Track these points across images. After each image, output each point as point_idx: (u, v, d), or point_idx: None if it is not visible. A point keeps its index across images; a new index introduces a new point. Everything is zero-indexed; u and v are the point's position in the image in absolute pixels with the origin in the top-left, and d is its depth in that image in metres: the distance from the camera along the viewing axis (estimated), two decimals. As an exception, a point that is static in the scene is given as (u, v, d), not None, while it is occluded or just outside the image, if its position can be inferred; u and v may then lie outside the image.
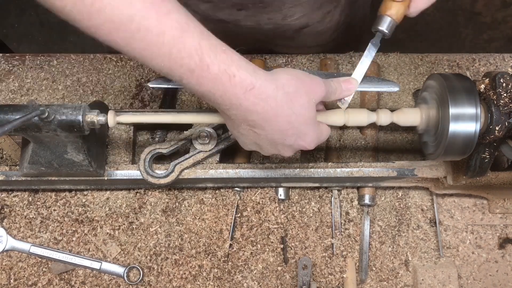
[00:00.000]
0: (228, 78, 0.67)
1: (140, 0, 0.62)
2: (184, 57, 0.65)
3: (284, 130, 0.74)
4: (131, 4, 0.62)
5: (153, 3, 0.63)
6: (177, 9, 0.65)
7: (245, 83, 0.68)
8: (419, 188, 1.11)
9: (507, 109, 0.81)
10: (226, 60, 0.67)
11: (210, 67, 0.66)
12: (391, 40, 0.90)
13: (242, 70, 0.68)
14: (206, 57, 0.66)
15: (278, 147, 0.78)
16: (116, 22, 0.62)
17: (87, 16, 0.62)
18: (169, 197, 1.09)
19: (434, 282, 1.03)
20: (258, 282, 1.05)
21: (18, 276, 1.04)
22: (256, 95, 0.69)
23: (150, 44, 0.64)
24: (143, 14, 0.62)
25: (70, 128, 0.84)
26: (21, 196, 1.09)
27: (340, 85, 0.83)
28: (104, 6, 0.61)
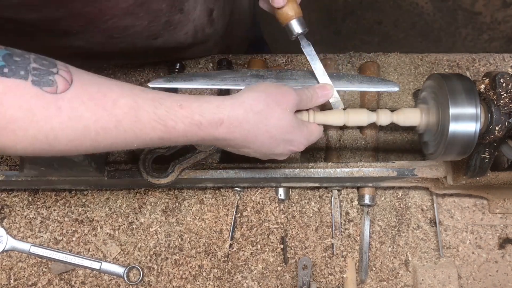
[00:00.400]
0: (197, 127, 0.71)
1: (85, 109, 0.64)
2: (149, 132, 0.68)
3: (269, 144, 0.77)
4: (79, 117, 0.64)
5: (98, 104, 0.65)
6: (121, 94, 0.67)
7: (213, 122, 0.71)
8: (419, 188, 1.11)
9: (507, 109, 0.81)
10: (186, 114, 0.70)
11: (176, 127, 0.69)
12: (391, 40, 0.89)
13: (205, 114, 0.71)
14: (168, 120, 0.69)
15: (270, 156, 0.81)
16: (75, 139, 0.65)
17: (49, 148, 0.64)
18: (169, 197, 1.09)
19: (434, 282, 1.03)
20: (258, 282, 1.05)
21: (18, 276, 1.04)
22: (228, 125, 0.72)
23: (115, 137, 0.67)
24: (94, 119, 0.64)
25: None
26: (21, 196, 1.09)
27: (315, 92, 0.84)
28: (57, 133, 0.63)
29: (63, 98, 0.63)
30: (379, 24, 2.37)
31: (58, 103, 0.62)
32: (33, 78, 0.61)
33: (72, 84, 0.64)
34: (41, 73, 0.62)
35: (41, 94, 0.61)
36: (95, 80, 0.67)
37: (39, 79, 0.61)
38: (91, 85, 0.66)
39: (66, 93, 0.63)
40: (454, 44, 2.45)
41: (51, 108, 0.62)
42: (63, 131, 0.63)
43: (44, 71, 0.62)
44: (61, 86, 0.63)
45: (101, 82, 0.67)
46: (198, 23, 0.99)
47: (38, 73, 0.62)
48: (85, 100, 0.64)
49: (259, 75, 0.90)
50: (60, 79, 0.63)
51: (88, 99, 0.64)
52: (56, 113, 0.62)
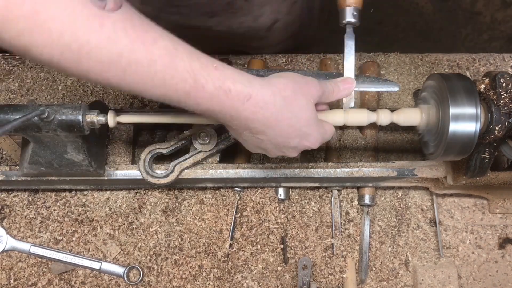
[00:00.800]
0: (225, 94, 0.68)
1: (125, 35, 0.62)
2: (178, 82, 0.66)
3: (287, 134, 0.75)
4: (117, 41, 0.61)
5: (138, 36, 0.63)
6: (162, 36, 0.66)
7: (242, 95, 0.69)
8: (419, 188, 1.11)
9: (507, 109, 0.81)
10: (219, 76, 0.67)
11: (205, 86, 0.67)
12: (391, 40, 0.90)
13: (237, 83, 0.69)
14: (200, 77, 0.66)
15: (282, 149, 0.79)
16: (105, 62, 0.62)
17: (76, 62, 0.62)
18: (169, 197, 1.09)
19: (434, 282, 1.03)
20: (258, 282, 1.05)
21: (18, 276, 1.04)
22: (255, 104, 0.70)
23: (143, 75, 0.64)
24: (130, 48, 0.62)
25: (70, 128, 0.84)
26: (21, 196, 1.09)
27: (337, 85, 0.83)
28: (91, 49, 0.61)
29: (109, 17, 0.60)
30: (379, 24, 2.37)
31: (102, 19, 0.60)
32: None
33: (121, 8, 0.62)
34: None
35: (89, 4, 0.59)
36: (141, 16, 0.65)
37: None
38: (137, 18, 0.64)
39: (112, 14, 0.61)
40: (454, 44, 2.45)
41: (94, 22, 0.60)
42: (98, 49, 0.61)
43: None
44: (110, 5, 0.61)
45: (145, 20, 0.65)
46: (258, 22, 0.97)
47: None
48: (127, 27, 0.62)
49: (259, 75, 0.89)
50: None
51: (131, 28, 0.62)
52: (98, 28, 0.60)
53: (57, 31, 0.58)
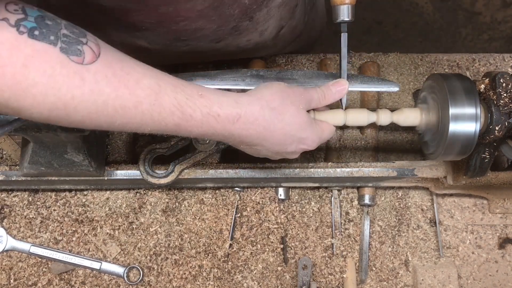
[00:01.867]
0: (214, 119, 0.70)
1: (107, 84, 0.63)
2: (166, 117, 0.68)
3: (282, 141, 0.77)
4: (100, 91, 0.63)
5: (120, 81, 0.64)
6: (144, 75, 0.67)
7: (231, 116, 0.71)
8: (419, 188, 1.11)
9: (507, 109, 0.81)
10: (206, 103, 0.69)
11: (193, 115, 0.69)
12: (391, 40, 0.90)
13: (224, 107, 0.70)
14: (187, 108, 0.68)
15: (282, 154, 0.81)
16: (93, 112, 0.64)
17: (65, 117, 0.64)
18: (169, 197, 1.09)
19: (434, 282, 1.03)
20: (258, 282, 1.05)
21: (18, 276, 1.04)
22: (245, 122, 0.72)
23: (131, 117, 0.66)
24: (114, 96, 0.64)
25: (70, 128, 0.84)
26: (21, 196, 1.09)
27: (329, 89, 0.84)
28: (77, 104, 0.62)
29: (88, 70, 0.62)
30: (379, 24, 2.37)
31: (82, 74, 0.61)
32: (62, 45, 0.60)
33: (99, 57, 0.63)
34: (70, 41, 0.61)
35: (67, 62, 0.60)
36: (120, 57, 0.66)
37: (68, 47, 0.61)
38: (117, 62, 0.65)
39: (91, 66, 0.62)
40: (454, 44, 2.45)
41: (75, 78, 0.61)
42: (83, 103, 0.62)
43: (74, 39, 0.62)
44: (88, 58, 0.62)
45: (126, 60, 0.66)
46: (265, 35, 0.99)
47: (68, 41, 0.61)
48: (109, 75, 0.63)
49: (259, 75, 0.90)
50: (88, 50, 0.62)
51: (112, 75, 0.63)
52: (79, 83, 0.61)
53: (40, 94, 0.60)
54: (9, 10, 0.59)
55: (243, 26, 0.91)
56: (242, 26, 0.91)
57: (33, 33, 0.59)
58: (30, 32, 0.59)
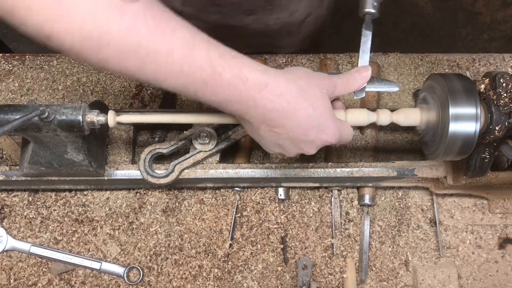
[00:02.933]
0: (242, 82, 0.68)
1: (145, 25, 0.63)
2: (195, 71, 0.66)
3: (304, 124, 0.73)
4: (136, 31, 0.63)
5: (158, 26, 0.64)
6: (180, 26, 0.66)
7: (259, 82, 0.69)
8: (419, 188, 1.11)
9: (507, 109, 0.81)
10: (236, 65, 0.68)
11: (223, 75, 0.67)
12: (391, 40, 0.90)
13: (253, 71, 0.69)
14: (217, 66, 0.67)
15: (300, 144, 0.77)
16: (124, 51, 0.63)
17: (96, 50, 0.63)
18: (169, 197, 1.09)
19: (434, 282, 1.03)
20: (258, 282, 1.05)
21: (18, 276, 1.04)
22: (271, 92, 0.70)
23: (161, 65, 0.65)
24: (150, 38, 0.63)
25: (70, 128, 0.84)
26: (21, 196, 1.09)
27: (353, 76, 0.82)
28: (112, 38, 0.62)
29: (130, 7, 0.62)
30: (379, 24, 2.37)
31: (123, 10, 0.61)
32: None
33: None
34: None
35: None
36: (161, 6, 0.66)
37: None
38: (157, 8, 0.65)
39: (133, 4, 0.62)
40: (454, 44, 2.45)
41: (115, 12, 0.61)
42: (118, 39, 0.62)
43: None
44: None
45: (165, 10, 0.66)
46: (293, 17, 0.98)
47: None
48: (148, 17, 0.63)
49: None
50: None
51: (151, 18, 0.63)
52: (118, 18, 0.61)
53: (78, 20, 0.59)
54: None
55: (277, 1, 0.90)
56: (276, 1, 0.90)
57: None
58: None
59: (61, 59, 1.17)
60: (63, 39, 0.61)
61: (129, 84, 1.16)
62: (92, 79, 1.15)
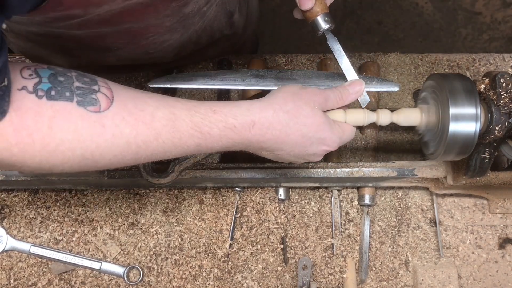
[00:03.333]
0: (231, 130, 0.72)
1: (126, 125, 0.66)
2: (186, 141, 0.71)
3: (302, 143, 0.77)
4: (121, 133, 0.66)
5: (137, 119, 0.67)
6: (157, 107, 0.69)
7: (246, 124, 0.73)
8: (419, 188, 1.11)
9: (507, 109, 0.81)
10: (220, 118, 0.72)
11: (211, 133, 0.71)
12: (391, 40, 0.90)
13: (238, 117, 0.73)
14: (203, 127, 0.71)
15: (304, 157, 0.81)
16: (118, 153, 0.67)
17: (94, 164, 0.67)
18: (169, 197, 1.09)
19: (434, 282, 1.03)
20: (258, 282, 1.05)
21: (18, 276, 1.04)
22: (260, 128, 0.74)
23: (154, 149, 0.69)
24: (135, 134, 0.67)
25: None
26: (21, 196, 1.09)
27: (346, 89, 0.83)
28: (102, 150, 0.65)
29: (106, 116, 0.65)
30: (379, 24, 2.37)
31: (102, 121, 0.64)
32: (78, 99, 0.63)
33: (113, 101, 0.66)
34: (84, 92, 0.64)
35: (86, 114, 0.63)
36: (131, 95, 0.69)
37: (83, 99, 0.63)
38: (130, 101, 0.68)
39: (108, 111, 0.65)
40: (454, 44, 2.45)
41: (96, 127, 0.64)
42: (108, 148, 0.66)
43: (87, 89, 0.64)
44: (103, 105, 0.65)
45: (137, 96, 0.69)
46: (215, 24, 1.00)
47: (82, 93, 0.64)
48: (125, 116, 0.66)
49: (259, 75, 0.90)
50: (103, 97, 0.65)
51: (128, 115, 0.66)
52: (101, 131, 0.64)
53: (68, 150, 0.63)
54: (24, 77, 0.61)
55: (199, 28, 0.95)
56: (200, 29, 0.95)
57: (50, 94, 0.61)
58: (47, 93, 0.61)
59: (61, 59, 1.17)
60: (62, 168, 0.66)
61: (129, 84, 1.15)
62: (92, 79, 1.15)
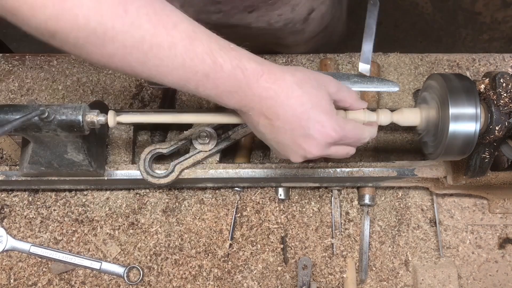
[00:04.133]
0: (241, 72, 0.70)
1: (148, 20, 0.64)
2: (197, 64, 0.68)
3: (299, 113, 0.72)
4: (140, 26, 0.64)
5: (160, 20, 0.65)
6: (182, 20, 0.68)
7: (256, 71, 0.71)
8: (419, 188, 1.11)
9: (507, 109, 0.81)
10: (236, 56, 0.70)
11: (223, 66, 0.69)
12: (391, 40, 0.90)
13: (251, 62, 0.71)
14: (218, 57, 0.68)
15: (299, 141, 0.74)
16: (128, 46, 0.65)
17: (101, 46, 0.64)
18: (169, 197, 1.09)
19: (434, 282, 1.03)
20: (258, 282, 1.05)
21: (18, 276, 1.04)
22: (267, 79, 0.71)
23: (164, 58, 0.67)
24: (152, 32, 0.65)
25: (70, 128, 0.84)
26: (21, 196, 1.09)
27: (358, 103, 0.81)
28: (116, 34, 0.63)
29: (132, 3, 0.63)
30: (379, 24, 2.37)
31: (126, 5, 0.63)
32: None
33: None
34: None
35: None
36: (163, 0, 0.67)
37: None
38: (158, 2, 0.66)
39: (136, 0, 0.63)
40: (454, 44, 2.45)
41: (119, 8, 0.62)
42: (122, 34, 0.63)
43: None
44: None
45: (167, 4, 0.68)
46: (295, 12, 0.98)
47: None
48: (150, 12, 0.64)
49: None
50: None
51: (153, 13, 0.65)
52: (122, 14, 0.62)
53: (83, 17, 0.60)
54: None
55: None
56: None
57: None
58: None
59: (61, 59, 1.17)
60: (67, 36, 0.62)
61: (129, 84, 1.16)
62: (92, 79, 1.15)
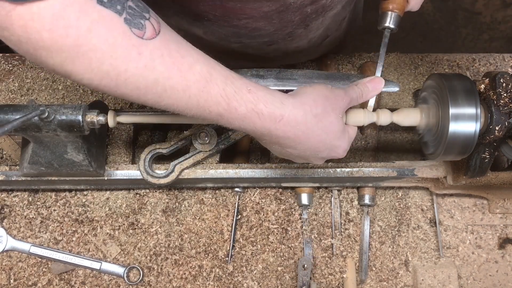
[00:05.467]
0: (257, 115, 0.70)
1: (162, 62, 0.64)
2: (211, 105, 0.68)
3: (316, 148, 0.77)
4: (154, 69, 0.64)
5: (174, 62, 0.65)
6: (198, 61, 0.67)
7: (274, 116, 0.71)
8: (419, 188, 1.11)
9: (507, 109, 0.81)
10: (252, 99, 0.69)
11: (238, 109, 0.69)
12: (391, 40, 0.90)
13: (269, 105, 0.70)
14: (233, 101, 0.68)
15: (309, 159, 0.80)
16: (142, 88, 0.65)
17: (114, 87, 0.64)
18: (169, 197, 1.09)
19: (434, 282, 1.03)
20: (258, 282, 1.05)
21: (18, 276, 1.04)
22: (286, 124, 0.72)
23: (178, 99, 0.67)
24: (166, 75, 0.65)
25: (70, 128, 0.84)
26: (21, 196, 1.09)
27: (366, 86, 0.83)
28: (129, 77, 0.63)
29: (147, 45, 0.63)
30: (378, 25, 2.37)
31: (140, 48, 0.62)
32: (126, 16, 0.61)
33: (158, 35, 0.64)
34: (134, 14, 0.62)
35: (128, 34, 0.61)
36: (178, 40, 0.67)
37: (131, 19, 0.61)
38: (174, 43, 0.66)
39: (150, 42, 0.63)
40: (454, 44, 2.45)
41: (133, 51, 0.62)
42: (135, 77, 0.63)
43: (138, 13, 0.62)
44: (148, 33, 0.63)
45: (182, 43, 0.67)
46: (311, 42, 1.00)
47: (132, 13, 0.61)
48: (164, 54, 0.64)
49: (259, 75, 0.90)
50: (150, 26, 0.63)
51: (168, 55, 0.64)
52: (136, 57, 0.62)
53: (97, 61, 0.61)
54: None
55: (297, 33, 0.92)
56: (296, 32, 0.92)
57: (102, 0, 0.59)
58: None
59: (61, 59, 1.17)
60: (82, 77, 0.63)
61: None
62: (92, 79, 1.15)
